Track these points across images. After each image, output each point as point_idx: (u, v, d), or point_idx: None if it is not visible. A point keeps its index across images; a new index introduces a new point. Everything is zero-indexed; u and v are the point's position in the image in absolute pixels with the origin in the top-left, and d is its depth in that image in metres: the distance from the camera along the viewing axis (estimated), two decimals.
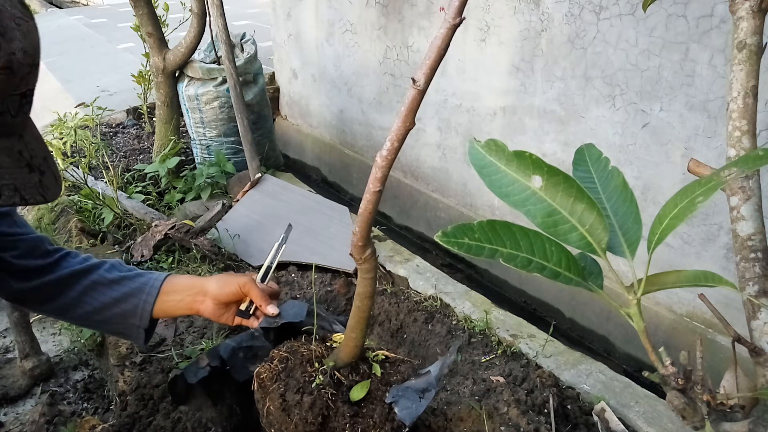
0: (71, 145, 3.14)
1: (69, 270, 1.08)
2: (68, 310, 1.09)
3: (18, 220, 1.08)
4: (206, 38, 3.05)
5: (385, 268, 2.44)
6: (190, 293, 1.14)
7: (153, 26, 3.04)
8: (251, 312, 1.19)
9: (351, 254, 1.10)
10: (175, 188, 3.07)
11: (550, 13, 2.28)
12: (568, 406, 1.69)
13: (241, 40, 3.28)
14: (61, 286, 1.07)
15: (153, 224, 2.52)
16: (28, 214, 3.01)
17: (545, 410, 1.62)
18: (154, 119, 3.43)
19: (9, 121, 0.72)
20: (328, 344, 1.29)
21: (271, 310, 1.16)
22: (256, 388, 1.21)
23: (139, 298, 1.11)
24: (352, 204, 3.38)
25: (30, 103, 0.75)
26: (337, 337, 1.31)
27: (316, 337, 1.27)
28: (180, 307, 1.14)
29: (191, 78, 3.11)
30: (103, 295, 1.09)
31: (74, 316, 1.11)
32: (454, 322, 2.09)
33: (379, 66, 3.19)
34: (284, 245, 1.25)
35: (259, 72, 3.30)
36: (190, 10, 2.95)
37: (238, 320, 1.20)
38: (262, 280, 1.21)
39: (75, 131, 3.09)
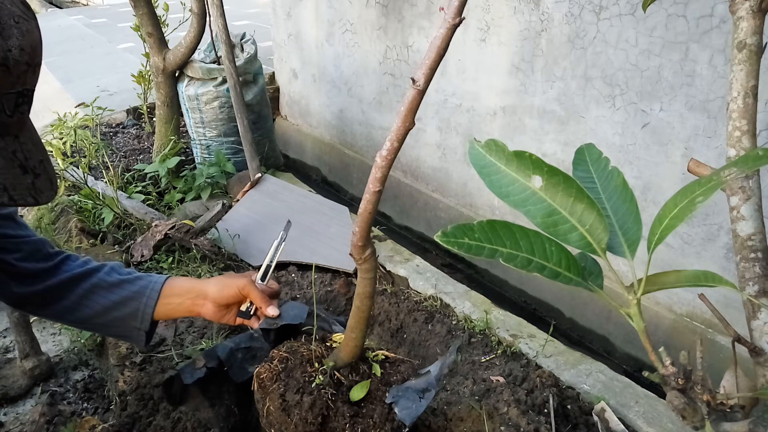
0: (71, 145, 3.14)
1: (69, 274, 1.08)
2: (68, 313, 1.09)
3: (20, 222, 1.08)
4: (206, 38, 3.05)
5: (385, 268, 2.44)
6: (190, 296, 1.14)
7: (153, 26, 3.04)
8: (252, 312, 1.19)
9: (351, 254, 1.10)
10: (175, 188, 3.07)
11: (550, 13, 2.28)
12: (568, 406, 1.69)
13: (241, 40, 3.28)
14: (61, 290, 1.07)
15: (153, 224, 2.52)
16: (28, 214, 3.01)
17: (545, 410, 1.62)
18: (154, 119, 3.42)
19: (3, 119, 0.72)
20: (328, 344, 1.29)
21: (271, 311, 1.16)
22: (256, 388, 1.21)
23: (140, 302, 1.11)
24: (352, 204, 3.38)
25: (28, 104, 0.75)
26: (337, 337, 1.31)
27: (316, 337, 1.28)
28: (180, 309, 1.14)
29: (191, 78, 3.11)
30: (103, 299, 1.09)
31: (74, 320, 1.11)
32: (454, 322, 2.09)
33: (379, 66, 3.19)
34: (283, 243, 1.25)
35: (259, 72, 3.30)
36: (190, 10, 2.95)
37: (239, 321, 1.20)
38: (262, 279, 1.21)
39: (75, 131, 3.09)
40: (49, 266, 1.08)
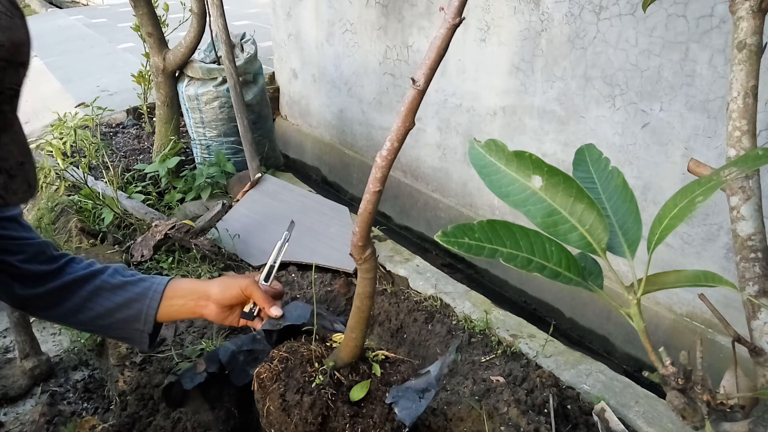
0: (71, 145, 3.14)
1: (73, 276, 1.08)
2: (72, 315, 1.09)
3: (24, 224, 1.08)
4: (206, 38, 3.05)
5: (385, 268, 2.44)
6: (193, 298, 1.14)
7: (153, 26, 3.04)
8: (255, 314, 1.19)
9: (351, 254, 1.10)
10: (175, 188, 3.07)
11: (550, 13, 2.28)
12: (568, 406, 1.69)
13: (241, 40, 3.28)
14: (64, 292, 1.07)
15: (153, 224, 2.52)
16: (28, 214, 3.01)
17: (545, 410, 1.62)
18: (154, 119, 3.43)
19: None
20: (328, 344, 1.29)
21: (274, 312, 1.16)
22: (256, 388, 1.21)
23: (143, 303, 1.11)
24: (352, 204, 3.38)
25: (10, 103, 0.73)
26: (337, 337, 1.31)
27: (316, 337, 1.27)
28: (183, 311, 1.14)
29: (191, 78, 3.11)
30: (106, 301, 1.09)
31: (77, 322, 1.11)
32: (454, 322, 2.09)
33: (379, 66, 3.19)
34: (287, 244, 1.25)
35: (259, 72, 3.30)
36: (190, 10, 2.95)
37: (242, 322, 1.20)
38: (265, 280, 1.21)
39: (75, 131, 3.08)
40: (53, 269, 1.07)
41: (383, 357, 1.30)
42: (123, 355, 1.85)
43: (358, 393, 1.18)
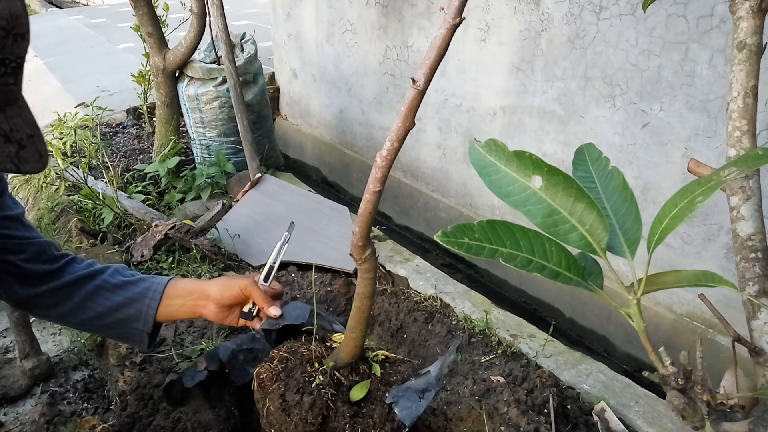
0: (71, 145, 3.14)
1: (73, 275, 1.08)
2: (72, 315, 1.09)
3: (26, 223, 1.08)
4: (206, 38, 3.05)
5: (385, 268, 2.44)
6: (193, 297, 1.14)
7: (153, 26, 3.04)
8: (254, 313, 1.19)
9: (351, 254, 1.10)
10: (175, 188, 3.07)
11: (550, 13, 2.28)
12: (568, 406, 1.69)
13: (241, 40, 3.28)
14: (65, 292, 1.07)
15: (153, 224, 2.52)
16: (28, 214, 3.01)
17: (545, 410, 1.62)
18: (154, 119, 3.43)
19: None
20: (328, 344, 1.29)
21: (273, 311, 1.16)
22: (256, 388, 1.21)
23: (143, 303, 1.11)
24: (352, 204, 3.38)
25: (12, 75, 0.73)
26: (337, 337, 1.31)
27: (316, 337, 1.28)
28: (183, 311, 1.14)
29: (191, 78, 3.11)
30: (106, 300, 1.09)
31: (77, 322, 1.11)
32: (454, 322, 2.09)
33: (379, 66, 3.19)
34: (286, 244, 1.25)
35: (259, 72, 3.30)
36: (190, 10, 2.95)
37: (242, 322, 1.20)
38: (265, 280, 1.21)
39: (75, 131, 3.09)
40: (54, 268, 1.08)
41: (383, 357, 1.30)
42: (123, 355, 1.85)
43: (358, 393, 1.18)
